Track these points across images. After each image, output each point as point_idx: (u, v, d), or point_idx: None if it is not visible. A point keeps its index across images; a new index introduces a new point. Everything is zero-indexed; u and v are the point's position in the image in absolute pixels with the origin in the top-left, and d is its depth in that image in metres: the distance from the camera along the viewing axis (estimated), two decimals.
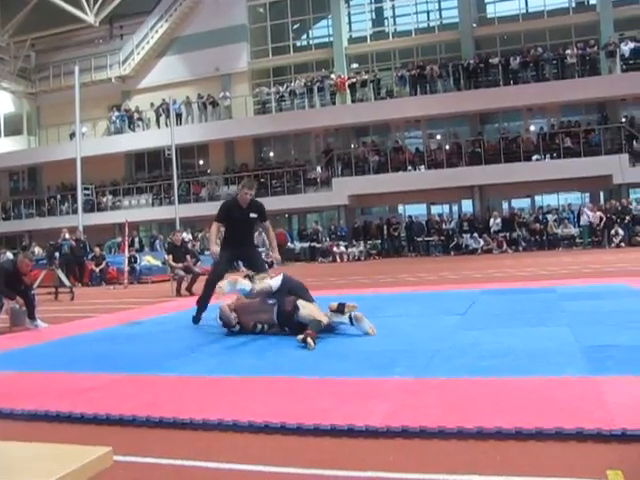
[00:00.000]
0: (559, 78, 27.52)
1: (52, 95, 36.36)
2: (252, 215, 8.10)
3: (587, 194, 27.96)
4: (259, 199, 8.48)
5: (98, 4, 31.29)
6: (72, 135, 30.39)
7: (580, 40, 28.28)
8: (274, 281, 6.76)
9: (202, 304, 8.17)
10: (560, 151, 26.74)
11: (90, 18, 31.26)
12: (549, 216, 25.81)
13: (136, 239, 25.82)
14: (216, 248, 8.46)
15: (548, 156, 27.11)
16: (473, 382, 4.15)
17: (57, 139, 35.33)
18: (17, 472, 1.97)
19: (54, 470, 1.91)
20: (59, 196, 34.59)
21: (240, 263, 10.61)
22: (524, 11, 30.92)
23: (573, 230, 25.35)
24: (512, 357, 4.83)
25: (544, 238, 25.44)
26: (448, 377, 4.32)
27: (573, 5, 30.58)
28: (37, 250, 24.23)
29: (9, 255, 22.53)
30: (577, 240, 25.17)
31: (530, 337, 5.66)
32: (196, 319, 8.10)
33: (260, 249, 25.14)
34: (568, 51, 27.56)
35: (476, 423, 3.24)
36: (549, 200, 28.22)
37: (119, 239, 25.75)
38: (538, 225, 25.53)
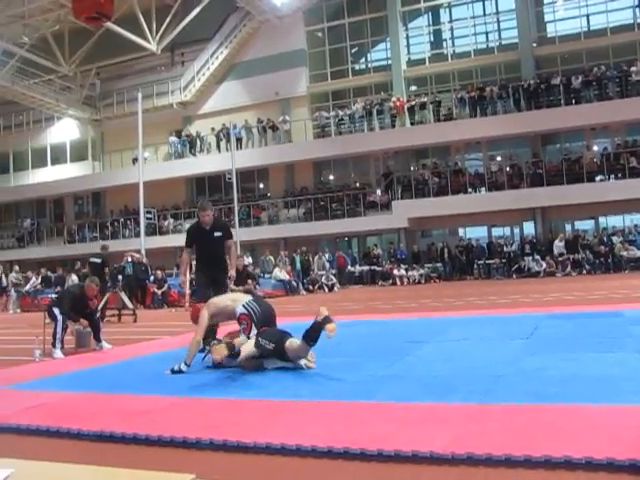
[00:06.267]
0: (623, 96, 26.94)
1: (116, 121, 37.24)
2: (217, 234, 8.26)
3: None
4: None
5: (160, 33, 32.02)
6: (135, 160, 31.01)
7: None
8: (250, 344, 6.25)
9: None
10: (625, 171, 26.11)
11: (152, 46, 31.99)
12: (614, 238, 25.25)
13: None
14: (184, 278, 8.89)
15: (612, 176, 26.54)
16: (539, 409, 4.05)
17: (120, 164, 36.15)
18: None
19: None
20: (122, 220, 35.35)
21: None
22: (586, 29, 30.43)
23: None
24: (578, 383, 4.70)
25: (609, 261, 24.85)
26: (512, 403, 4.22)
27: (638, 21, 29.97)
28: None
29: (74, 278, 23.07)
30: None
31: (597, 363, 5.51)
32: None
33: (320, 272, 25.52)
34: (633, 68, 26.90)
35: (544, 451, 3.15)
36: (614, 221, 27.62)
37: None
38: (603, 247, 24.97)
